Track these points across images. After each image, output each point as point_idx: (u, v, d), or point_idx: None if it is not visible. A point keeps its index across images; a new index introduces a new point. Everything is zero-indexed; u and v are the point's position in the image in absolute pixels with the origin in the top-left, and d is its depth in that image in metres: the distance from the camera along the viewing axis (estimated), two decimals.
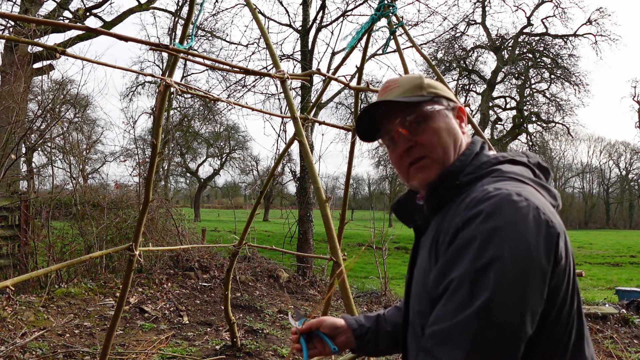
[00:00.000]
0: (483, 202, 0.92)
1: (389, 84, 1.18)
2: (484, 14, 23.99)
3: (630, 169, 49.32)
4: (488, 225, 0.89)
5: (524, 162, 1.09)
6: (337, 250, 2.39)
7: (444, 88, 1.17)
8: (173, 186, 36.30)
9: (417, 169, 1.12)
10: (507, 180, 0.99)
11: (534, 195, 0.95)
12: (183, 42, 2.63)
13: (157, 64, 23.21)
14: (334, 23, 10.12)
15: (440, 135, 1.10)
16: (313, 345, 1.34)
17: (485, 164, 1.07)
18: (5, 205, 6.26)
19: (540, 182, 1.04)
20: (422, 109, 1.12)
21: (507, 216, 0.88)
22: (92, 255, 2.99)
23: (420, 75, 1.18)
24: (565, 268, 0.93)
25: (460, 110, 1.17)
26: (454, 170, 1.07)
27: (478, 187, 0.99)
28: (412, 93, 1.13)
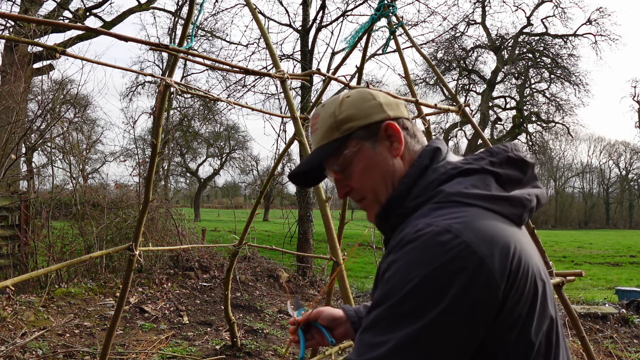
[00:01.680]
0: (409, 243, 0.86)
1: (313, 123, 1.13)
2: (484, 14, 24.01)
3: (630, 168, 49.36)
4: (410, 276, 0.83)
5: (481, 168, 0.97)
6: (337, 250, 2.39)
7: (362, 111, 1.06)
8: (173, 186, 36.30)
9: (362, 208, 1.11)
10: (447, 207, 0.90)
11: (474, 223, 0.86)
12: (183, 42, 2.63)
13: (157, 64, 23.22)
14: (334, 23, 10.13)
15: (365, 177, 1.06)
16: (311, 336, 1.33)
17: (432, 184, 0.98)
18: (5, 205, 6.27)
19: (493, 195, 0.92)
20: (342, 155, 1.07)
21: (430, 263, 0.82)
22: (92, 255, 2.99)
23: (333, 109, 1.09)
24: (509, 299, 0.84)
25: (388, 127, 1.05)
26: (394, 200, 1.02)
27: (413, 220, 0.94)
28: (327, 138, 1.08)
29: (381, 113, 1.06)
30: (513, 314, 0.85)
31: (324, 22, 9.94)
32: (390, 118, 1.06)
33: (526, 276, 0.86)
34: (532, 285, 0.88)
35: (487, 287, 0.82)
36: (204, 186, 37.67)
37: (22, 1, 12.48)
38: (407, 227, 0.92)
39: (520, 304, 0.86)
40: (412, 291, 0.83)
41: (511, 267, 0.84)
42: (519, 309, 0.86)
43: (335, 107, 1.08)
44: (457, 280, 0.81)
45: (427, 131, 3.35)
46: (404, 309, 0.83)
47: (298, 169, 1.14)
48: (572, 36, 23.52)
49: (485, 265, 0.82)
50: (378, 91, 1.12)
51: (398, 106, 1.10)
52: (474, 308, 0.82)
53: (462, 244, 0.82)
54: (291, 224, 10.02)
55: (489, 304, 0.82)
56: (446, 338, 0.82)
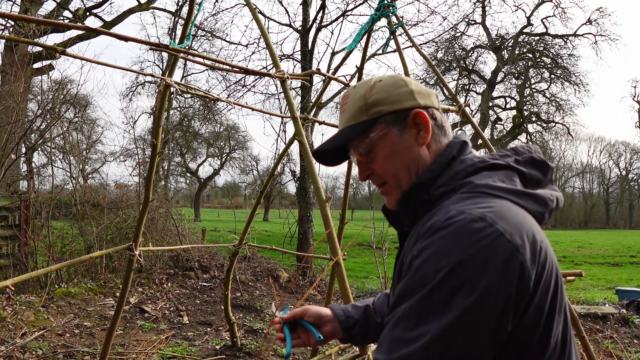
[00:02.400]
0: (441, 229, 0.86)
1: (342, 104, 1.13)
2: (484, 14, 24.00)
3: (630, 168, 49.39)
4: (443, 263, 0.82)
5: (507, 164, 0.98)
6: (337, 250, 2.39)
7: (392, 95, 1.06)
8: (173, 186, 36.29)
9: (383, 193, 1.10)
10: (477, 197, 0.90)
11: (505, 213, 0.86)
12: (183, 41, 2.63)
13: (157, 64, 23.21)
14: (334, 23, 10.13)
15: (389, 162, 1.05)
16: (297, 335, 1.29)
17: (459, 174, 0.98)
18: (5, 205, 6.26)
19: (520, 190, 0.94)
20: (367, 138, 1.07)
21: (464, 250, 0.81)
22: (92, 255, 2.99)
23: (364, 91, 1.08)
24: (539, 291, 0.85)
25: (417, 116, 1.04)
26: (419, 186, 1.02)
27: (444, 207, 0.93)
28: (355, 119, 1.07)
29: (412, 100, 1.06)
30: (539, 307, 0.86)
31: (324, 22, 9.94)
32: (421, 106, 1.05)
33: (550, 270, 0.88)
34: (555, 280, 0.89)
35: (521, 275, 0.82)
36: (204, 186, 37.66)
37: (22, 1, 12.48)
38: (437, 215, 0.92)
39: (547, 297, 0.87)
40: (446, 278, 0.81)
41: (539, 259, 0.85)
42: (544, 303, 0.86)
43: (367, 90, 1.07)
44: (492, 268, 0.80)
45: None
46: (438, 298, 0.82)
47: (323, 146, 1.13)
48: (572, 36, 23.53)
49: (519, 254, 0.82)
50: (411, 78, 1.11)
51: (429, 95, 1.08)
52: (509, 296, 0.81)
53: (497, 232, 0.82)
54: (291, 224, 10.02)
55: (522, 293, 0.83)
56: (481, 327, 0.81)
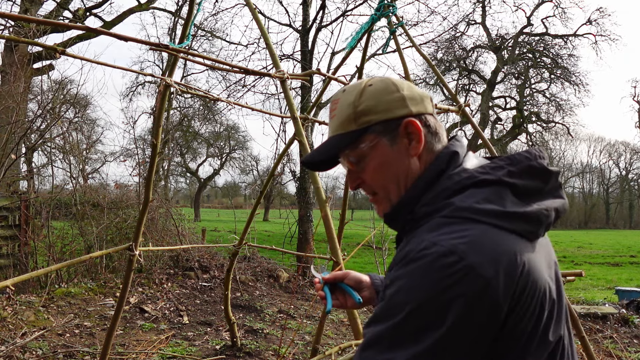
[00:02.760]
0: (413, 262, 0.85)
1: (331, 108, 1.08)
2: (484, 14, 24.01)
3: (630, 168, 49.39)
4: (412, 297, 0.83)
5: (498, 179, 0.91)
6: (337, 250, 2.39)
7: (383, 105, 1.00)
8: (173, 186, 36.30)
9: (373, 202, 1.08)
10: (455, 224, 0.87)
11: (481, 242, 0.83)
12: (183, 41, 2.63)
13: (157, 64, 23.22)
14: (334, 23, 10.13)
15: (378, 174, 1.02)
16: (335, 297, 1.34)
17: (443, 193, 0.94)
18: (5, 205, 6.27)
19: (507, 212, 0.87)
20: (356, 148, 1.03)
21: (432, 287, 0.81)
22: (92, 255, 2.99)
23: (353, 98, 1.02)
24: (512, 318, 0.83)
25: (409, 125, 0.99)
26: (403, 204, 0.99)
27: (420, 233, 0.90)
28: (344, 128, 1.02)
29: (403, 108, 1.00)
30: (515, 331, 0.84)
31: (324, 22, 9.94)
32: (413, 114, 1.00)
33: (532, 294, 0.85)
34: (539, 303, 0.86)
35: (489, 310, 0.81)
36: (204, 186, 37.67)
37: (22, 1, 12.49)
38: (411, 243, 0.90)
39: (524, 321, 0.84)
40: (414, 313, 0.82)
41: (517, 286, 0.83)
42: (522, 326, 0.85)
43: (356, 97, 1.02)
44: (460, 305, 0.80)
45: None
46: (406, 329, 0.82)
47: (312, 157, 1.10)
48: (572, 36, 23.53)
49: (490, 288, 0.80)
50: (403, 81, 1.05)
51: (422, 100, 1.03)
52: (476, 331, 0.81)
53: (466, 268, 0.80)
54: (291, 224, 10.03)
55: (491, 325, 0.82)
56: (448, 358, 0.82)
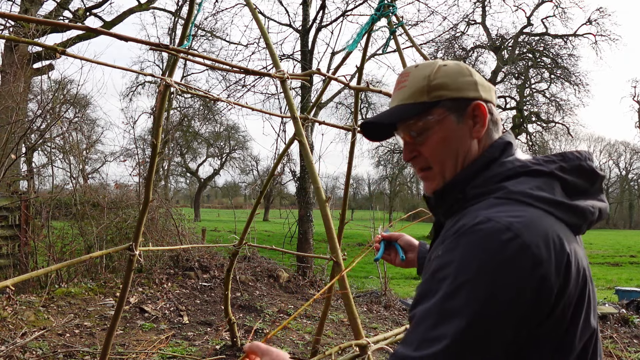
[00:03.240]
0: (467, 235, 0.86)
1: (400, 79, 1.10)
2: (484, 14, 24.01)
3: (630, 169, 49.38)
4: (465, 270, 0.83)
5: (549, 171, 0.95)
6: (337, 250, 2.39)
7: (457, 83, 1.04)
8: (173, 186, 36.29)
9: (423, 178, 1.09)
10: (509, 204, 0.89)
11: (535, 223, 0.85)
12: (183, 42, 2.63)
13: (157, 64, 23.23)
14: (334, 23, 10.13)
15: (439, 148, 1.04)
16: (387, 253, 1.61)
17: (495, 177, 0.97)
18: (5, 205, 6.26)
19: (556, 200, 0.91)
20: (422, 120, 1.04)
21: (487, 260, 0.82)
22: (92, 255, 2.99)
23: (429, 72, 1.05)
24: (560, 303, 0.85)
25: (477, 107, 1.03)
26: (457, 182, 1.01)
27: (474, 210, 0.92)
28: (414, 99, 1.05)
29: (474, 92, 1.04)
30: (559, 318, 0.86)
31: (324, 22, 9.94)
32: (482, 99, 1.04)
33: (576, 283, 0.87)
34: (581, 292, 0.89)
35: (541, 288, 0.82)
36: (204, 186, 37.67)
37: (22, 1, 12.49)
38: (465, 218, 0.91)
39: (570, 309, 0.87)
40: (466, 285, 0.83)
41: (565, 270, 0.85)
42: (566, 314, 0.87)
43: (431, 71, 1.05)
44: (513, 280, 0.81)
45: None
46: (456, 303, 0.83)
47: (375, 119, 1.11)
48: (572, 36, 23.53)
49: (542, 268, 0.82)
50: (474, 70, 1.09)
51: (490, 90, 1.07)
52: (525, 308, 0.82)
53: (522, 245, 0.82)
54: (291, 224, 10.02)
55: (542, 305, 0.84)
56: (495, 335, 0.82)
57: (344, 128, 4.19)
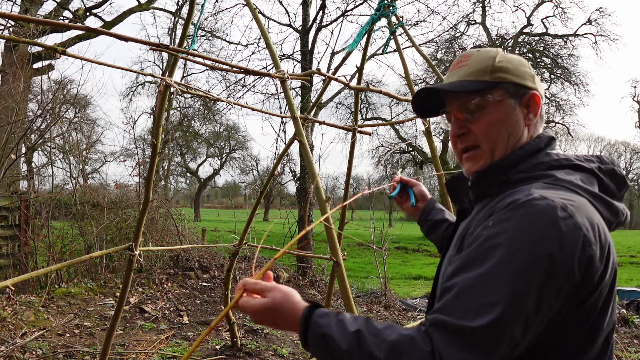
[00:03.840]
0: (524, 207, 0.89)
1: (460, 59, 1.13)
2: (484, 14, 24.01)
3: (630, 169, 49.33)
4: (521, 239, 0.86)
5: (589, 168, 1.02)
6: (337, 250, 2.39)
7: (518, 70, 1.08)
8: (173, 186, 36.31)
9: (467, 157, 1.11)
10: (559, 189, 0.94)
11: (583, 209, 0.90)
12: (183, 42, 2.63)
13: (157, 64, 23.24)
14: (334, 23, 10.13)
15: (493, 127, 1.06)
16: (399, 195, 1.67)
17: (542, 165, 1.02)
18: (5, 205, 6.26)
19: (599, 195, 0.98)
20: (482, 97, 1.06)
21: (543, 233, 0.86)
22: (92, 255, 2.99)
23: (494, 54, 1.09)
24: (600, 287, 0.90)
25: (533, 97, 1.07)
26: (504, 164, 1.04)
27: (524, 189, 0.95)
28: (476, 77, 1.07)
29: (532, 82, 1.10)
30: (595, 302, 0.91)
31: (323, 22, 9.94)
32: (537, 91, 1.09)
33: (611, 272, 0.93)
34: (612, 283, 0.94)
35: (589, 268, 0.87)
36: (204, 186, 37.66)
37: (22, 1, 12.49)
38: (516, 194, 0.94)
39: (603, 295, 0.92)
40: (521, 253, 0.85)
41: (606, 260, 0.91)
42: (600, 300, 0.92)
43: (496, 54, 1.10)
44: (566, 254, 0.85)
45: (427, 131, 3.35)
46: (512, 268, 0.85)
47: (435, 86, 1.14)
48: (572, 36, 23.52)
49: (591, 249, 0.87)
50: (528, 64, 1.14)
51: (542, 87, 1.13)
52: (575, 282, 0.87)
53: (575, 224, 0.87)
54: (291, 224, 10.02)
55: (586, 283, 0.88)
56: (546, 304, 0.86)
57: (344, 128, 4.18)
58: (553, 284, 0.85)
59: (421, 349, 0.86)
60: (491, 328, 0.83)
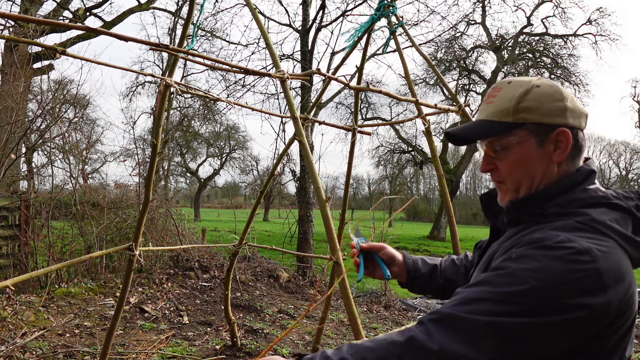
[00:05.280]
0: (549, 249, 0.92)
1: (491, 92, 1.14)
2: (484, 14, 23.99)
3: (630, 169, 49.31)
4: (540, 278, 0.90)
5: (627, 207, 1.02)
6: (337, 250, 2.39)
7: (544, 109, 1.06)
8: (173, 186, 36.28)
9: (498, 188, 1.16)
10: (589, 232, 0.96)
11: (610, 253, 0.93)
12: (183, 42, 2.63)
13: (157, 64, 23.23)
14: (334, 23, 10.13)
15: (516, 168, 1.09)
16: (365, 266, 1.44)
17: (577, 201, 1.03)
18: (5, 205, 6.26)
19: (630, 237, 0.99)
20: (504, 139, 1.09)
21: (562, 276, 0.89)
22: (92, 255, 2.99)
23: (518, 94, 1.07)
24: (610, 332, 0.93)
25: (561, 134, 1.05)
26: (540, 196, 1.06)
27: (554, 227, 0.99)
28: (499, 117, 1.09)
29: (561, 118, 1.06)
30: (606, 342, 0.94)
31: (323, 22, 9.94)
32: (569, 125, 1.06)
33: (630, 314, 0.96)
34: (630, 323, 0.98)
35: (600, 313, 0.89)
36: (204, 186, 37.65)
37: (22, 1, 12.49)
38: (544, 232, 0.98)
39: (617, 335, 0.95)
40: (536, 291, 0.89)
41: (625, 303, 0.93)
42: (613, 340, 0.95)
43: (521, 93, 1.08)
44: (579, 299, 0.88)
45: (427, 131, 3.35)
46: (520, 301, 0.89)
47: (459, 132, 1.16)
48: (572, 36, 23.50)
49: (607, 295, 0.89)
50: (570, 92, 1.11)
51: (580, 116, 1.09)
52: (581, 328, 0.90)
53: (596, 269, 0.89)
54: (291, 224, 10.02)
55: (595, 328, 0.91)
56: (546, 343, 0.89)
57: (344, 128, 4.18)
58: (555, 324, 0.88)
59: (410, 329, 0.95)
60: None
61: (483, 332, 0.89)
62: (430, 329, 0.92)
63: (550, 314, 0.87)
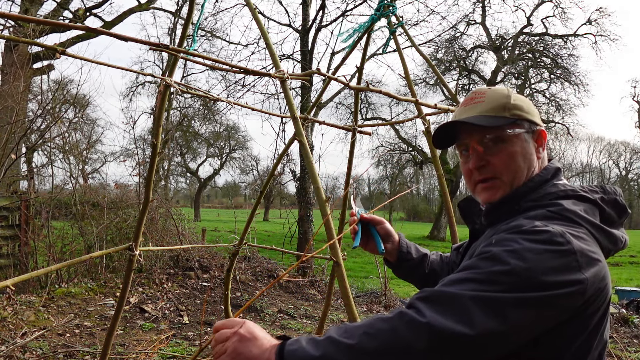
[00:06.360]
0: (527, 233, 0.98)
1: (474, 96, 1.21)
2: (484, 14, 23.99)
3: (630, 168, 49.33)
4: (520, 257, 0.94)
5: (593, 199, 1.10)
6: (337, 250, 2.39)
7: (529, 109, 1.19)
8: (173, 186, 36.31)
9: (485, 188, 1.18)
10: (561, 220, 1.03)
11: (582, 237, 0.99)
12: (183, 42, 2.62)
13: (157, 64, 23.24)
14: (334, 23, 10.14)
15: (514, 160, 1.14)
16: (364, 237, 1.48)
17: (550, 195, 1.10)
18: (5, 205, 6.26)
19: (600, 225, 1.06)
20: (502, 131, 1.15)
21: (540, 255, 0.94)
22: (92, 255, 2.99)
23: (507, 93, 1.18)
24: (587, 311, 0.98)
25: (541, 134, 1.19)
26: (516, 195, 1.13)
27: (528, 217, 1.05)
28: (494, 113, 1.16)
29: (538, 119, 1.20)
30: (584, 323, 1.00)
31: (323, 22, 9.95)
32: (544, 129, 1.21)
33: (604, 298, 1.01)
34: (606, 306, 1.03)
35: (579, 291, 0.95)
36: (204, 186, 37.64)
37: (22, 1, 12.49)
38: (520, 220, 1.04)
39: (594, 318, 1.00)
40: (517, 270, 0.93)
41: (600, 281, 0.99)
42: (590, 322, 1.00)
43: (510, 93, 1.19)
44: (558, 276, 0.93)
45: (427, 131, 3.35)
46: (503, 280, 0.93)
47: (461, 119, 1.19)
48: (572, 36, 23.50)
49: (582, 274, 0.95)
50: None
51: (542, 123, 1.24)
52: (562, 304, 0.94)
53: (571, 250, 0.96)
54: (291, 224, 10.02)
55: (574, 305, 0.96)
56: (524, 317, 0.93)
57: (344, 128, 4.18)
58: (539, 302, 0.92)
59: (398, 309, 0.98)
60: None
61: (469, 304, 0.92)
62: (418, 306, 0.95)
63: (532, 290, 0.91)
